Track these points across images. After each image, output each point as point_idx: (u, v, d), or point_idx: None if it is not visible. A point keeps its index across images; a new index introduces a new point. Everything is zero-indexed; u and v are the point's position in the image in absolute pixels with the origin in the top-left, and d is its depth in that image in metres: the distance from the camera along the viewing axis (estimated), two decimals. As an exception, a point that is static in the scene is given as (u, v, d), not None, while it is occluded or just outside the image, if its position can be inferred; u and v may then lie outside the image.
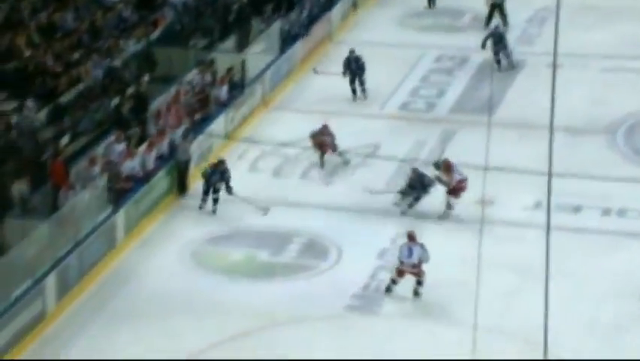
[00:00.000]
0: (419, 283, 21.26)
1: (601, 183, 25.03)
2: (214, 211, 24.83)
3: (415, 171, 24.84)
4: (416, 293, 21.26)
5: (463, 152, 25.92)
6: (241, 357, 19.73)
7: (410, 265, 21.18)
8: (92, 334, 20.72)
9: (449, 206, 24.45)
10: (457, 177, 24.29)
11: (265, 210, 24.47)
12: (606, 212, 24.73)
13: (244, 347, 20.19)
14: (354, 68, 30.52)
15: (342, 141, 27.21)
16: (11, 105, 25.21)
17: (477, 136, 23.53)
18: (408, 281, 21.22)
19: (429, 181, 24.63)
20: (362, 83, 30.61)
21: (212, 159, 26.31)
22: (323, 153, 26.97)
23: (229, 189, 24.76)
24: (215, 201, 24.93)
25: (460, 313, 18.70)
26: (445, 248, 22.78)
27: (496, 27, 33.49)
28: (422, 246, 21.27)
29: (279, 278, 22.63)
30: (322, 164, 26.93)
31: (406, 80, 32.17)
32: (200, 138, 27.07)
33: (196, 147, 26.84)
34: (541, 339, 12.73)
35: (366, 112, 30.16)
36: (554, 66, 13.44)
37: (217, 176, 24.69)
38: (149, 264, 23.20)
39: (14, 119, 24.62)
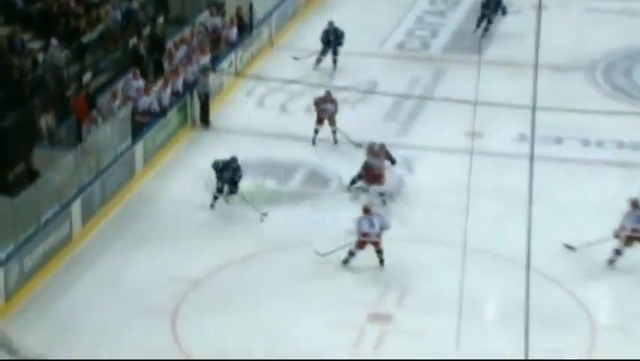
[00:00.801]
0: (379, 251, 20.21)
1: (581, 116, 24.96)
2: (227, 201, 22.63)
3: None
4: (381, 261, 20.26)
5: (454, 89, 25.90)
6: (247, 277, 19.98)
7: (375, 234, 20.08)
8: (114, 254, 20.89)
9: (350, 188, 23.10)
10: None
11: (263, 215, 22.05)
12: (585, 143, 24.93)
13: (251, 268, 20.37)
14: (333, 39, 28.88)
15: (343, 79, 27.28)
16: (37, 44, 25.09)
17: (467, 73, 23.44)
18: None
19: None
20: (335, 53, 28.78)
21: (224, 95, 26.32)
22: (321, 124, 25.08)
23: (234, 189, 22.40)
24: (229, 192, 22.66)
25: (451, 236, 18.76)
26: (437, 177, 22.93)
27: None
28: (380, 215, 20.50)
29: (285, 205, 22.70)
30: (315, 140, 25.12)
31: (402, 21, 32.07)
32: (212, 75, 26.97)
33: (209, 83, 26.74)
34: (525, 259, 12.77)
35: (366, 50, 29.95)
36: (540, 7, 13.49)
37: (230, 173, 22.35)
38: (166, 191, 23.30)
39: (40, 57, 24.60)
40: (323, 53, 28.92)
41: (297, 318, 18.77)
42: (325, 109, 24.94)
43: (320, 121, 24.96)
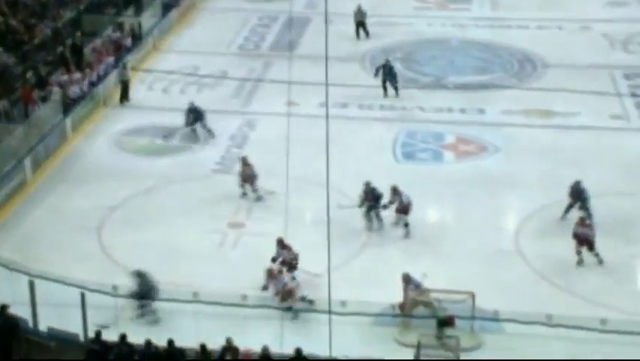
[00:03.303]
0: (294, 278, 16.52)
1: (358, 89, 25.21)
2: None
3: (367, 185, 18.91)
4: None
5: (278, 74, 25.57)
6: (149, 203, 19.74)
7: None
8: (56, 193, 20.50)
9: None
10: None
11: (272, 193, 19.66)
12: (361, 107, 25.03)
13: (151, 197, 20.16)
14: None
15: (204, 69, 27.01)
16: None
17: (285, 64, 23.48)
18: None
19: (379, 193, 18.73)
20: (204, 126, 23.15)
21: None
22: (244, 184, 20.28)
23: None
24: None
25: (280, 170, 18.75)
26: (270, 132, 22.96)
27: (387, 60, 25.78)
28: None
29: (169, 155, 22.48)
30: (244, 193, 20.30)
31: (241, 31, 31.60)
32: (116, 70, 26.44)
33: (115, 75, 26.14)
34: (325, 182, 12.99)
35: (218, 51, 29.22)
36: (326, 22, 13.64)
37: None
38: (89, 150, 22.78)
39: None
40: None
41: (183, 229, 18.74)
42: (245, 174, 20.34)
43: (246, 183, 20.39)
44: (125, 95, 25.59)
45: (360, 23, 29.98)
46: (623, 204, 19.58)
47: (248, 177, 20.15)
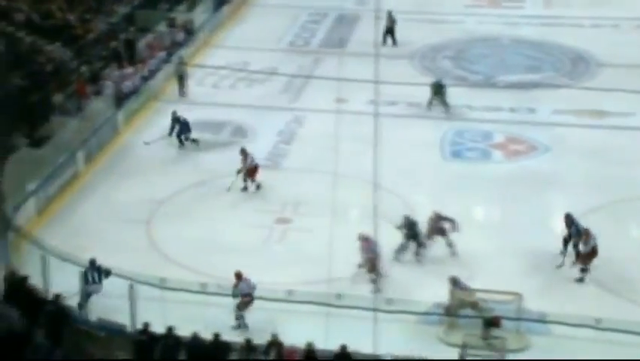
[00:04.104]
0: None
1: (406, 87, 25.19)
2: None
3: (406, 218, 17.61)
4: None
5: (327, 71, 25.57)
6: (196, 197, 19.86)
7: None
8: (107, 184, 20.78)
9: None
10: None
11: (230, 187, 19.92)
12: (410, 105, 24.91)
13: (199, 191, 20.29)
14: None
15: (254, 65, 27.12)
16: (50, 47, 24.63)
17: (335, 61, 23.41)
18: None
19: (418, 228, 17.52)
20: (187, 138, 22.53)
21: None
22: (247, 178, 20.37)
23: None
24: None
25: (328, 165, 18.77)
26: (319, 128, 23.00)
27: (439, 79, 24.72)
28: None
29: (217, 150, 22.52)
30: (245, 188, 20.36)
31: (291, 27, 31.68)
32: (168, 65, 26.72)
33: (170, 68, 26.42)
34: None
35: (268, 47, 29.31)
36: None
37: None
38: (140, 144, 22.97)
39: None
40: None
41: (230, 223, 18.88)
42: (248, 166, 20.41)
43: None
44: (182, 90, 25.76)
45: (390, 30, 28.94)
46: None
47: (250, 169, 19.98)
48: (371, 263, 16.34)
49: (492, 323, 14.71)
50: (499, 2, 33.62)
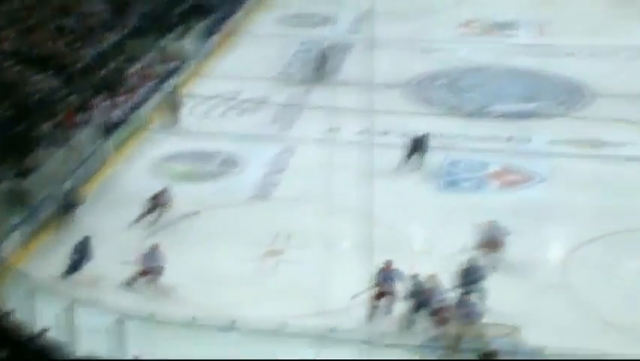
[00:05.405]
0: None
1: (398, 117, 25.44)
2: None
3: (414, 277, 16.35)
4: None
5: (318, 101, 25.89)
6: (187, 228, 19.91)
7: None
8: (94, 214, 20.64)
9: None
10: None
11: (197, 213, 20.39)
12: (403, 134, 24.80)
13: (190, 222, 20.25)
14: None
15: (244, 93, 27.18)
16: (37, 77, 24.74)
17: (325, 91, 23.52)
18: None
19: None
20: None
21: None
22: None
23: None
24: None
25: (320, 196, 18.84)
26: (310, 157, 23.07)
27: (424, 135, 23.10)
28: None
29: (208, 181, 22.60)
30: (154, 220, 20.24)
31: (282, 57, 31.81)
32: (159, 94, 26.85)
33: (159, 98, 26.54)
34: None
35: (259, 75, 29.51)
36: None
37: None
38: (129, 174, 23.01)
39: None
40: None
41: (220, 255, 18.88)
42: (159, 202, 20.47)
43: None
44: (174, 119, 25.85)
45: (320, 66, 28.91)
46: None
47: (164, 203, 20.11)
48: (380, 294, 16.03)
49: (489, 356, 14.71)
50: (493, 30, 33.98)
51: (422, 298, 15.82)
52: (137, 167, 23.38)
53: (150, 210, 20.14)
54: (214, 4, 34.26)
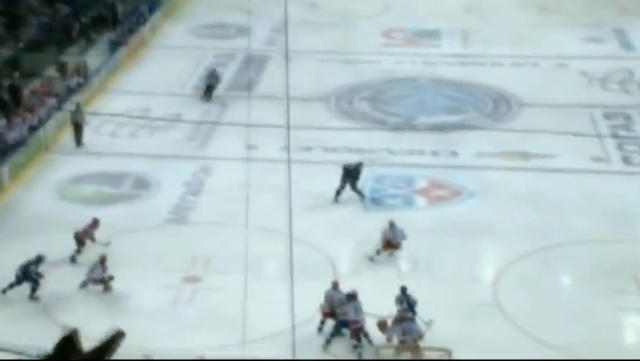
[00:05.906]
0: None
1: (321, 132, 25.37)
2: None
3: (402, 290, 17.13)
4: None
5: (235, 116, 25.63)
6: (96, 256, 19.36)
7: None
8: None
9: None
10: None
11: (107, 244, 19.68)
12: (326, 150, 24.79)
13: (99, 249, 19.52)
14: None
15: (156, 111, 26.77)
16: None
17: (243, 105, 23.35)
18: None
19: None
20: None
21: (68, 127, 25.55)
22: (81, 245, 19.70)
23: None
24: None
25: (237, 218, 18.65)
26: (227, 177, 22.82)
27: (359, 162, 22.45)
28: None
29: (118, 204, 22.19)
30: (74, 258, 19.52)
31: (195, 70, 31.40)
32: (60, 113, 26.12)
33: (61, 117, 25.83)
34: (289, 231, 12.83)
35: (172, 91, 29.05)
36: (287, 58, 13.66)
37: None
38: (29, 200, 22.33)
39: None
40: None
41: (135, 284, 18.44)
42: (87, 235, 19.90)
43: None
44: (78, 139, 25.25)
45: (210, 87, 28.68)
46: (607, 251, 19.61)
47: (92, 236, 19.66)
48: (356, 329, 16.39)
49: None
50: (417, 41, 34.23)
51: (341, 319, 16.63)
52: (38, 192, 22.73)
53: (80, 246, 19.46)
54: (120, 14, 33.61)
